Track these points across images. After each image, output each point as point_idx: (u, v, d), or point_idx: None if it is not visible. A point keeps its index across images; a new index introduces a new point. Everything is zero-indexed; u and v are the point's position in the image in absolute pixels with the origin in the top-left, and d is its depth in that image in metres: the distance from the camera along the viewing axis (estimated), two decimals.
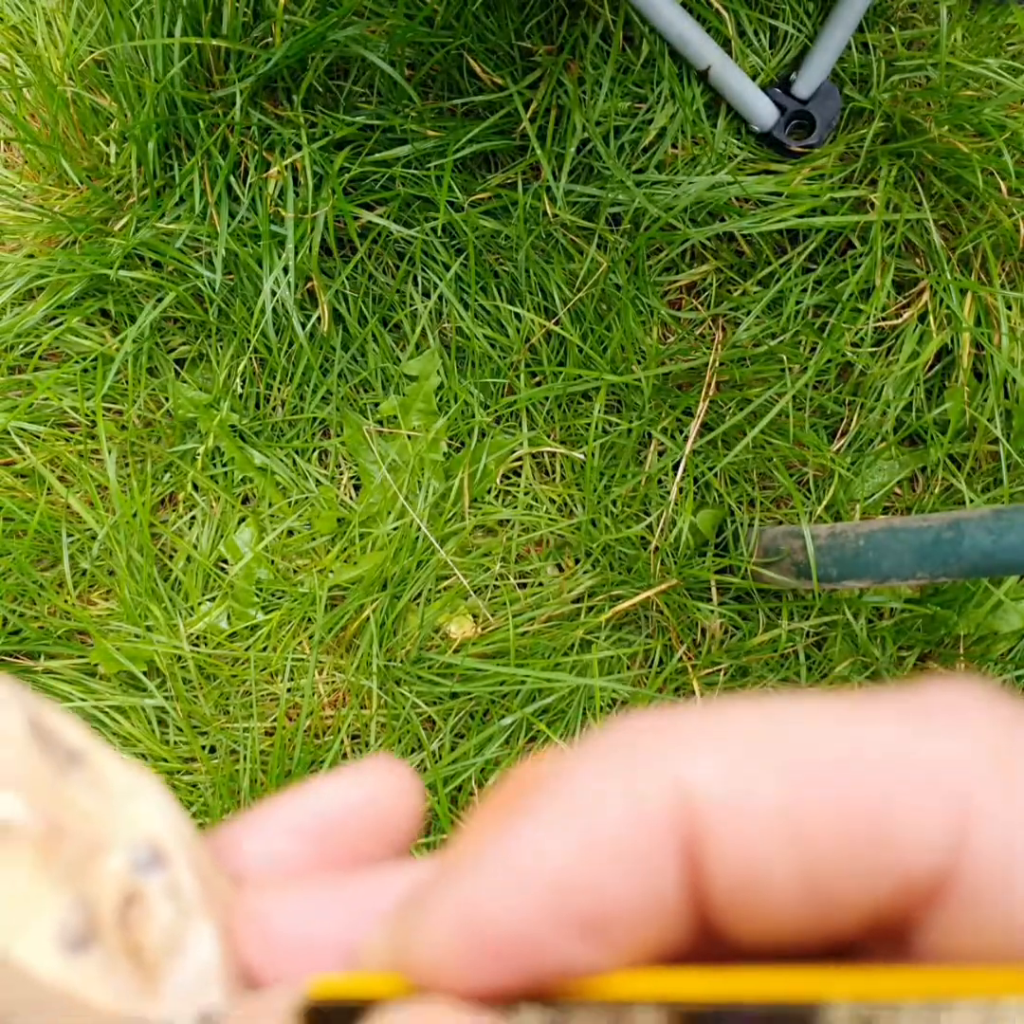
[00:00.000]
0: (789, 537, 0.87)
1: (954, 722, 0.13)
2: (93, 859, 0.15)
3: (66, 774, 0.16)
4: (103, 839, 0.15)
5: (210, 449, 0.92)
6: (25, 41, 0.98)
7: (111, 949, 0.15)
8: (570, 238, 0.93)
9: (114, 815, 0.16)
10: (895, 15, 0.98)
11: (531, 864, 0.13)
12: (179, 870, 0.15)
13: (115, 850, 0.15)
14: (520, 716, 0.88)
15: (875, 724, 0.13)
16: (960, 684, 0.14)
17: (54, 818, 0.15)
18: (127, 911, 0.15)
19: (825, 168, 0.94)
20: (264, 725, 0.89)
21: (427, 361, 0.94)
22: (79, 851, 0.15)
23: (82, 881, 0.15)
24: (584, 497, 0.92)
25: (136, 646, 0.89)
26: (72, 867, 0.15)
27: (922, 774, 0.13)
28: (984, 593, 0.92)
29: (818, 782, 0.13)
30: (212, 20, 0.88)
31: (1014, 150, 0.93)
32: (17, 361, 0.94)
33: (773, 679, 0.92)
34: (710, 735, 0.14)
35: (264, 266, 0.90)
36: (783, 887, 0.13)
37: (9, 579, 0.89)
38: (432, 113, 0.92)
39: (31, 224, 0.94)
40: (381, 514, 0.91)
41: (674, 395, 0.93)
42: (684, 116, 0.94)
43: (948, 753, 0.13)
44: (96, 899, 0.15)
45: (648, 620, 0.92)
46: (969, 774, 0.13)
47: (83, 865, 0.15)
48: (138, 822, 0.16)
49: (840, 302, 0.94)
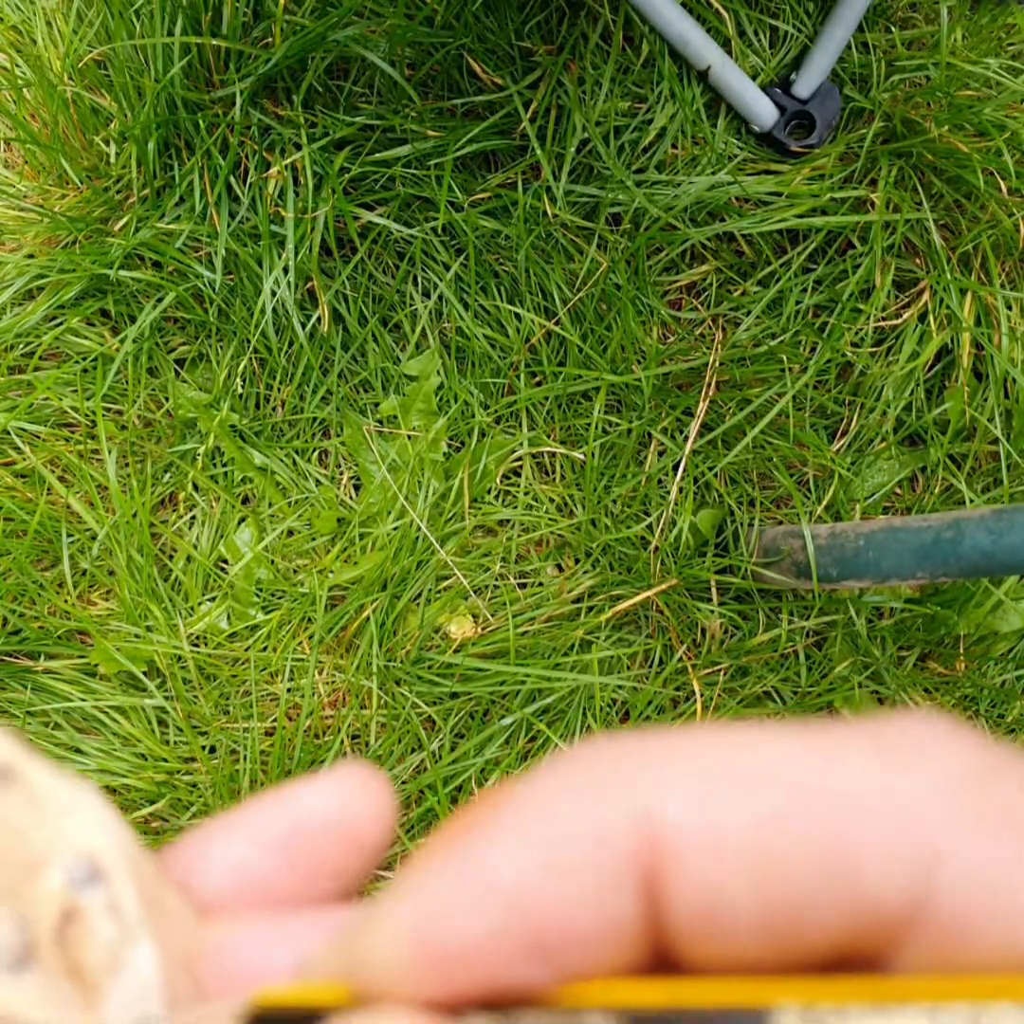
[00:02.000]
0: (789, 537, 0.87)
1: (923, 757, 0.13)
2: (30, 878, 0.15)
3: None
4: (40, 857, 0.15)
5: (210, 449, 0.92)
6: (25, 41, 0.98)
7: (50, 968, 0.14)
8: (570, 238, 0.93)
9: (50, 832, 0.15)
10: (895, 15, 0.98)
11: (487, 880, 0.13)
12: (119, 885, 0.15)
13: (52, 867, 0.15)
14: (520, 716, 0.88)
15: (843, 757, 0.13)
16: (927, 717, 0.14)
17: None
18: (66, 929, 0.15)
19: (825, 168, 0.94)
20: (264, 725, 0.89)
21: (427, 361, 0.94)
22: (14, 870, 0.15)
23: (18, 900, 0.15)
24: (584, 497, 0.92)
25: (136, 646, 0.89)
26: (9, 886, 0.15)
27: (889, 812, 0.13)
28: (984, 593, 0.92)
29: (784, 816, 0.13)
30: (212, 20, 0.88)
31: (1014, 150, 0.93)
32: (17, 361, 0.94)
33: (773, 679, 0.92)
34: (679, 764, 0.13)
35: (264, 266, 0.90)
36: (741, 918, 0.13)
37: (9, 579, 0.89)
38: (432, 113, 0.92)
39: (31, 224, 0.94)
40: (381, 514, 0.91)
41: (674, 395, 0.93)
42: (684, 116, 0.94)
43: (916, 790, 0.13)
44: (34, 918, 0.15)
45: (648, 620, 0.92)
46: (936, 813, 0.13)
47: (19, 884, 0.15)
48: (76, 837, 0.15)
49: (840, 302, 0.94)
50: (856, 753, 0.13)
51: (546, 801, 0.13)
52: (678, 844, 0.13)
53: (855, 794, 0.13)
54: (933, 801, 0.13)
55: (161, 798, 0.88)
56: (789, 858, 0.13)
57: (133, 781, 0.88)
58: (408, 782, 0.88)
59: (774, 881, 0.13)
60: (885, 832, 0.13)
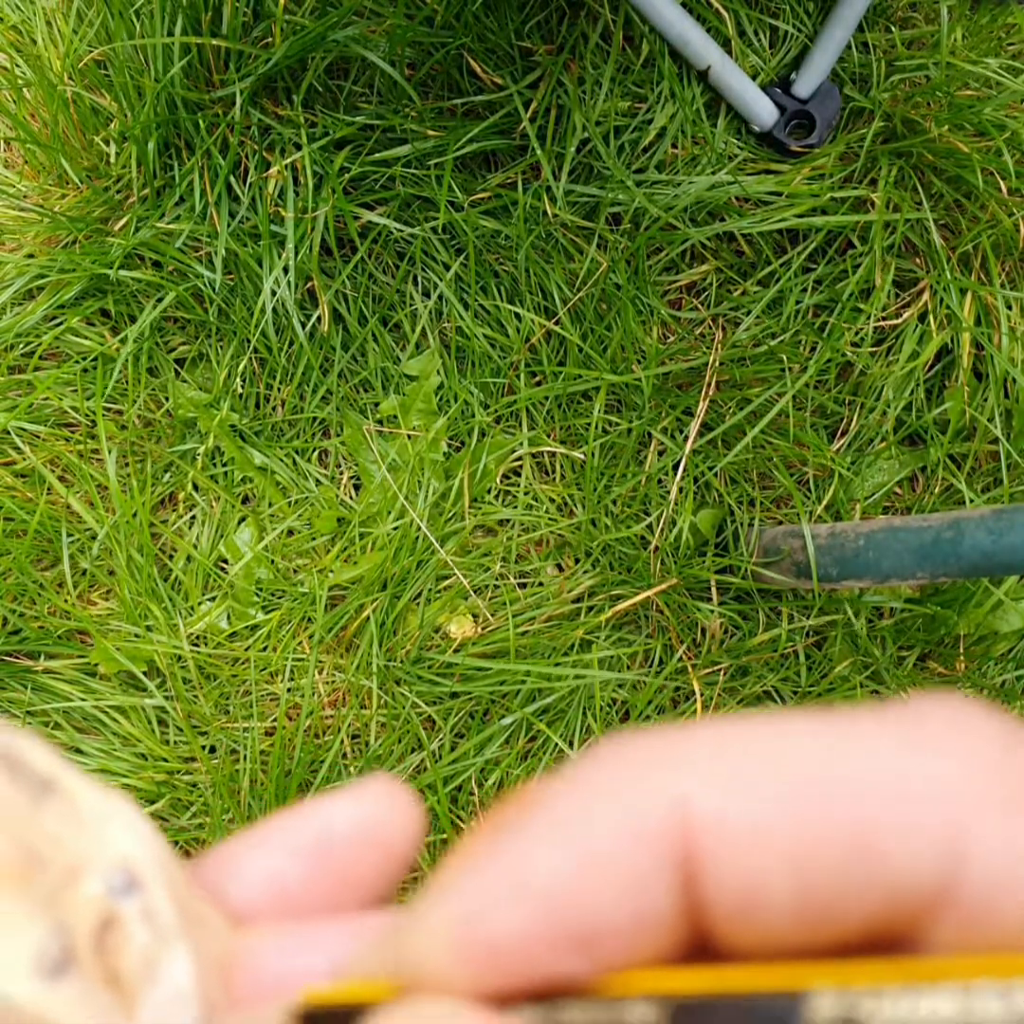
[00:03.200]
0: (789, 537, 0.87)
1: (950, 740, 0.13)
2: (70, 886, 0.15)
3: (39, 803, 0.16)
4: (79, 865, 0.15)
5: (210, 449, 0.92)
6: (25, 41, 0.98)
7: (88, 974, 0.15)
8: (570, 238, 0.93)
9: (89, 841, 0.16)
10: (895, 15, 0.98)
11: (526, 876, 0.13)
12: (154, 893, 0.15)
13: (91, 876, 0.15)
14: (520, 716, 0.88)
15: (873, 743, 0.13)
16: (954, 700, 0.14)
17: (29, 847, 0.15)
18: (104, 936, 0.15)
19: (825, 168, 0.94)
20: (264, 725, 0.89)
21: (427, 361, 0.94)
22: (55, 878, 0.15)
23: (59, 908, 0.15)
24: (584, 497, 0.92)
25: (136, 646, 0.89)
26: (49, 894, 0.15)
27: (918, 795, 0.13)
28: (984, 593, 0.92)
29: (815, 803, 0.13)
30: (212, 20, 0.88)
31: (1014, 150, 0.93)
32: (17, 361, 0.94)
33: (773, 679, 0.92)
34: (709, 755, 0.14)
35: (264, 266, 0.90)
36: (778, 905, 0.13)
37: (9, 579, 0.89)
38: (432, 113, 0.92)
39: (31, 224, 0.94)
40: (381, 514, 0.91)
41: (674, 395, 0.93)
42: (684, 116, 0.94)
43: (944, 773, 0.13)
44: (73, 925, 0.15)
45: (648, 620, 0.92)
46: (965, 795, 0.13)
47: (60, 892, 0.15)
48: (112, 846, 0.16)
49: (840, 302, 0.94)
50: (883, 738, 0.13)
51: (582, 795, 0.14)
52: (715, 834, 0.13)
53: (882, 779, 0.13)
54: (960, 783, 0.13)
55: (161, 798, 0.88)
56: (822, 843, 0.13)
57: (133, 781, 0.88)
58: (408, 782, 0.88)
59: (809, 867, 0.13)
60: (913, 815, 0.13)
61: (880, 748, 0.13)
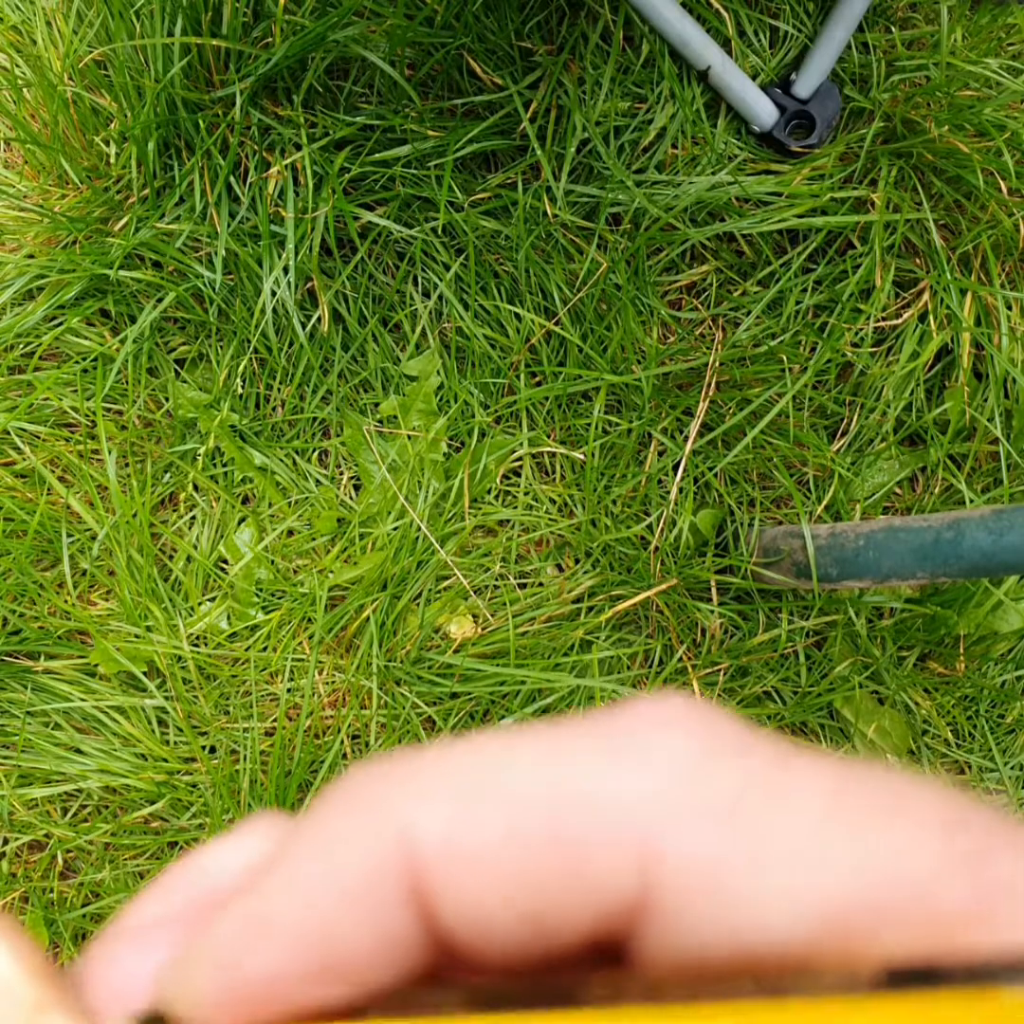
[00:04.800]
0: (789, 537, 0.87)
1: (654, 748, 0.14)
2: None
3: None
4: None
5: (210, 449, 0.92)
6: (25, 41, 0.98)
7: None
8: (570, 238, 0.93)
9: None
10: (895, 15, 0.98)
11: (271, 913, 0.14)
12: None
13: None
14: (520, 716, 0.88)
15: (582, 758, 0.14)
16: (661, 702, 0.15)
17: None
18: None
19: (825, 168, 0.94)
20: (264, 725, 0.89)
21: (427, 361, 0.94)
22: None
23: None
24: (584, 497, 0.92)
25: (136, 646, 0.89)
26: None
27: (616, 810, 0.13)
28: (984, 593, 0.92)
29: (532, 823, 0.14)
30: (212, 20, 0.88)
31: (1014, 150, 0.93)
32: (17, 361, 0.94)
33: (773, 679, 0.92)
34: (434, 781, 0.14)
35: (264, 266, 0.90)
36: (504, 923, 0.14)
37: (9, 579, 0.89)
38: (432, 113, 0.92)
39: (31, 224, 0.94)
40: (381, 514, 0.91)
41: (674, 395, 0.93)
42: (684, 116, 0.94)
43: (643, 786, 0.14)
44: None
45: (648, 620, 0.92)
46: (662, 805, 0.13)
47: None
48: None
49: (840, 302, 0.94)
50: (584, 754, 0.14)
51: (319, 834, 0.14)
52: (441, 859, 0.14)
53: (586, 796, 0.14)
54: (658, 794, 0.13)
55: (161, 798, 0.88)
56: (537, 863, 0.13)
57: (133, 781, 0.88)
58: None
59: (528, 886, 0.14)
60: (611, 831, 0.13)
61: (588, 763, 0.14)
